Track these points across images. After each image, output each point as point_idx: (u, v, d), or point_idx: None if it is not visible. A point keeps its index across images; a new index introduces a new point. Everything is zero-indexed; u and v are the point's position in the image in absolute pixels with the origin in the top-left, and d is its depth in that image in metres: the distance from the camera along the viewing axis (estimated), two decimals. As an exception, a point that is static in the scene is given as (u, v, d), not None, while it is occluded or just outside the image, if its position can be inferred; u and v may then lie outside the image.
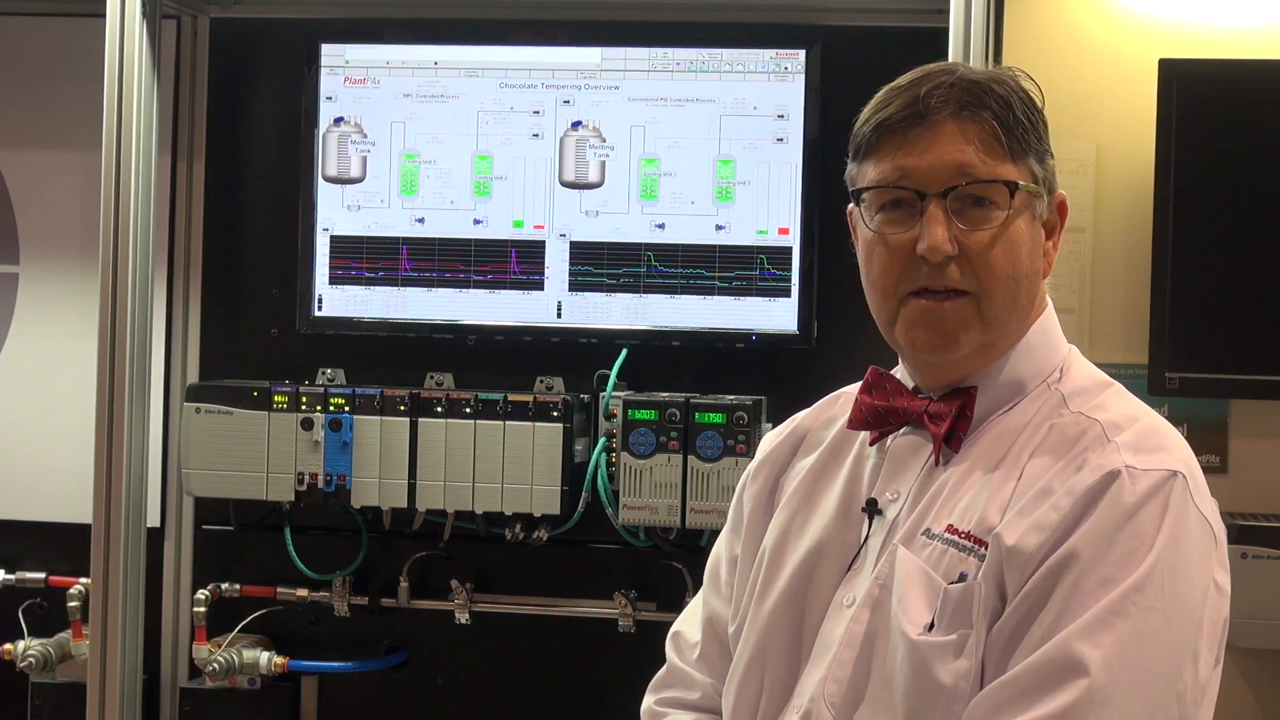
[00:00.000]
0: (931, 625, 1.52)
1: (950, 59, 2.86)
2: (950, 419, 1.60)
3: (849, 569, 1.63)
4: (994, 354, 1.62)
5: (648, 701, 1.83)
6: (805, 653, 1.64)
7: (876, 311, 1.63)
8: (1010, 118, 1.57)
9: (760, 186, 3.24)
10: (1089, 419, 1.56)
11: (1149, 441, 1.53)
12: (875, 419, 1.67)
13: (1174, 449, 1.54)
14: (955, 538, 1.55)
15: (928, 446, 1.63)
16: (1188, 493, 1.51)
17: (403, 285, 3.35)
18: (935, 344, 1.59)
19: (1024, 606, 1.48)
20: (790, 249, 3.23)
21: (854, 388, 1.72)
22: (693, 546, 3.22)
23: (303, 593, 3.41)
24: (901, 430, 1.66)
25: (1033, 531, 1.49)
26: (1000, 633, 1.49)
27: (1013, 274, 1.58)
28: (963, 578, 1.52)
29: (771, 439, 1.83)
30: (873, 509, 1.64)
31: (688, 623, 1.85)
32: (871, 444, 1.69)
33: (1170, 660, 1.46)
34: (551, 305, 3.31)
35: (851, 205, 1.65)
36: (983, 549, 1.52)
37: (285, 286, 3.42)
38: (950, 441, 1.61)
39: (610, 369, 3.26)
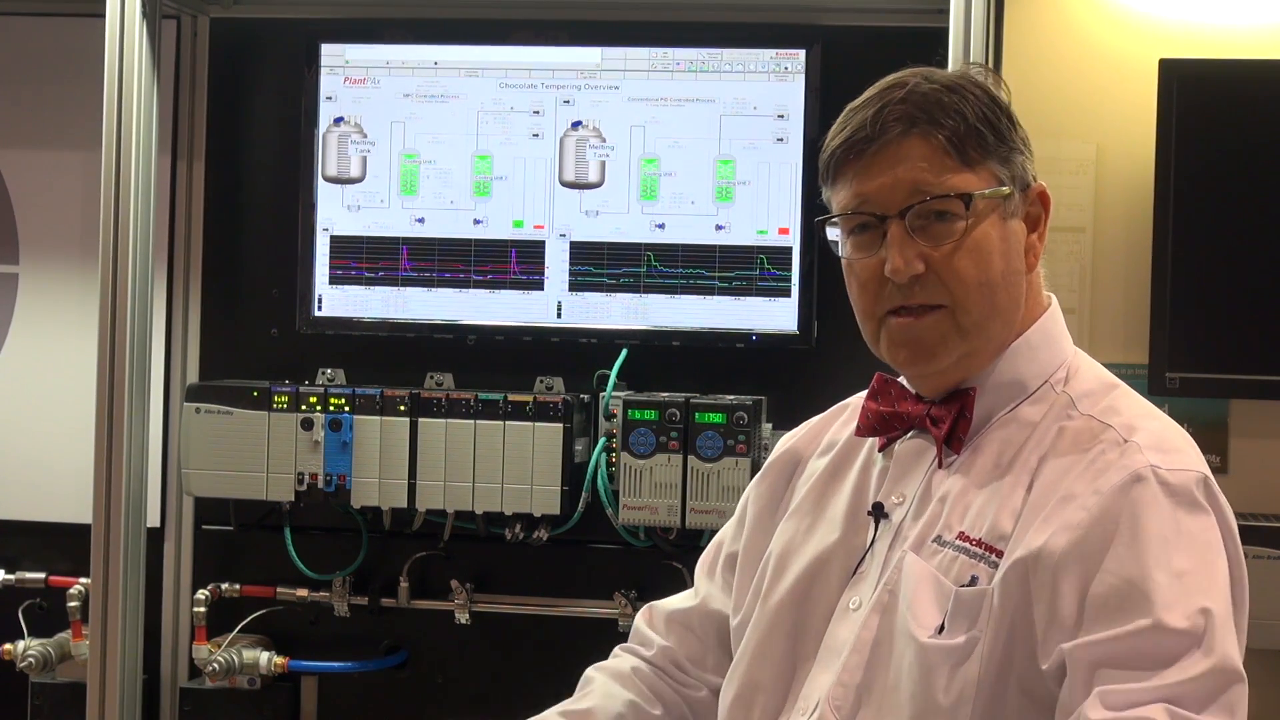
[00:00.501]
0: (942, 628, 1.52)
1: (950, 59, 2.86)
2: (950, 421, 1.61)
3: (854, 573, 1.64)
4: (983, 358, 1.62)
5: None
6: (804, 654, 1.65)
7: (863, 330, 1.66)
8: (963, 127, 1.57)
9: (760, 186, 3.24)
10: (1101, 423, 1.57)
11: (1168, 442, 1.55)
12: (881, 425, 1.68)
13: (1190, 449, 1.57)
14: (967, 544, 1.55)
15: (932, 450, 1.64)
16: (1217, 491, 1.54)
17: (403, 285, 3.35)
18: (916, 360, 1.61)
19: (1111, 626, 1.45)
20: (790, 249, 3.23)
21: (863, 396, 1.74)
22: (693, 546, 3.22)
23: (303, 593, 3.41)
24: (907, 435, 1.67)
25: (1062, 531, 1.49)
26: (1085, 651, 1.45)
27: (985, 280, 1.58)
28: (973, 581, 1.52)
29: (786, 440, 1.86)
30: (878, 513, 1.65)
31: (663, 601, 1.90)
32: (880, 450, 1.70)
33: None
34: (551, 305, 3.31)
35: (819, 220, 1.67)
36: (994, 556, 1.52)
37: (285, 286, 3.41)
38: (951, 443, 1.61)
39: (610, 369, 3.26)
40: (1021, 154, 1.63)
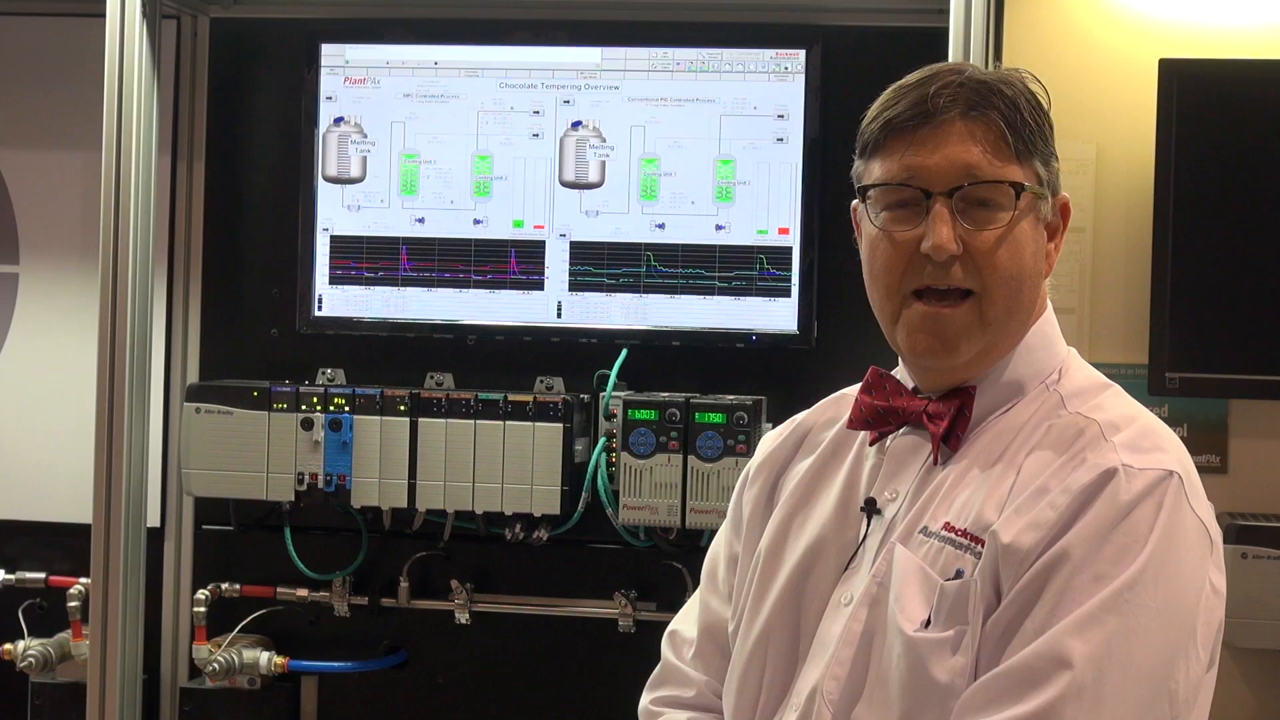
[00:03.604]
0: (928, 622, 1.53)
1: (950, 59, 2.86)
2: (949, 418, 1.61)
3: (846, 568, 1.64)
4: (994, 356, 1.62)
5: (644, 701, 1.83)
6: (803, 650, 1.65)
7: (879, 310, 1.64)
8: (1018, 119, 1.58)
9: (760, 186, 3.24)
10: (1087, 418, 1.57)
11: (1146, 441, 1.54)
12: (875, 419, 1.67)
13: (1171, 450, 1.55)
14: (952, 535, 1.55)
15: (927, 446, 1.63)
16: (1183, 493, 1.52)
17: (403, 285, 3.35)
18: (936, 350, 1.60)
19: (1018, 602, 1.49)
20: (790, 249, 3.23)
21: (855, 389, 1.72)
22: (693, 546, 3.22)
23: (303, 593, 3.41)
24: (901, 430, 1.67)
25: (1029, 529, 1.50)
26: (994, 627, 1.50)
27: (1016, 275, 1.59)
28: (959, 574, 1.53)
29: (772, 439, 1.83)
30: (871, 508, 1.64)
31: (684, 621, 1.86)
32: (871, 444, 1.69)
33: (1162, 658, 1.47)
34: (551, 305, 3.31)
35: (856, 201, 1.66)
36: (979, 546, 1.53)
37: (285, 286, 3.41)
38: (949, 440, 1.61)
39: (610, 369, 3.26)
40: (1057, 161, 1.64)
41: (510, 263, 3.31)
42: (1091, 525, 1.48)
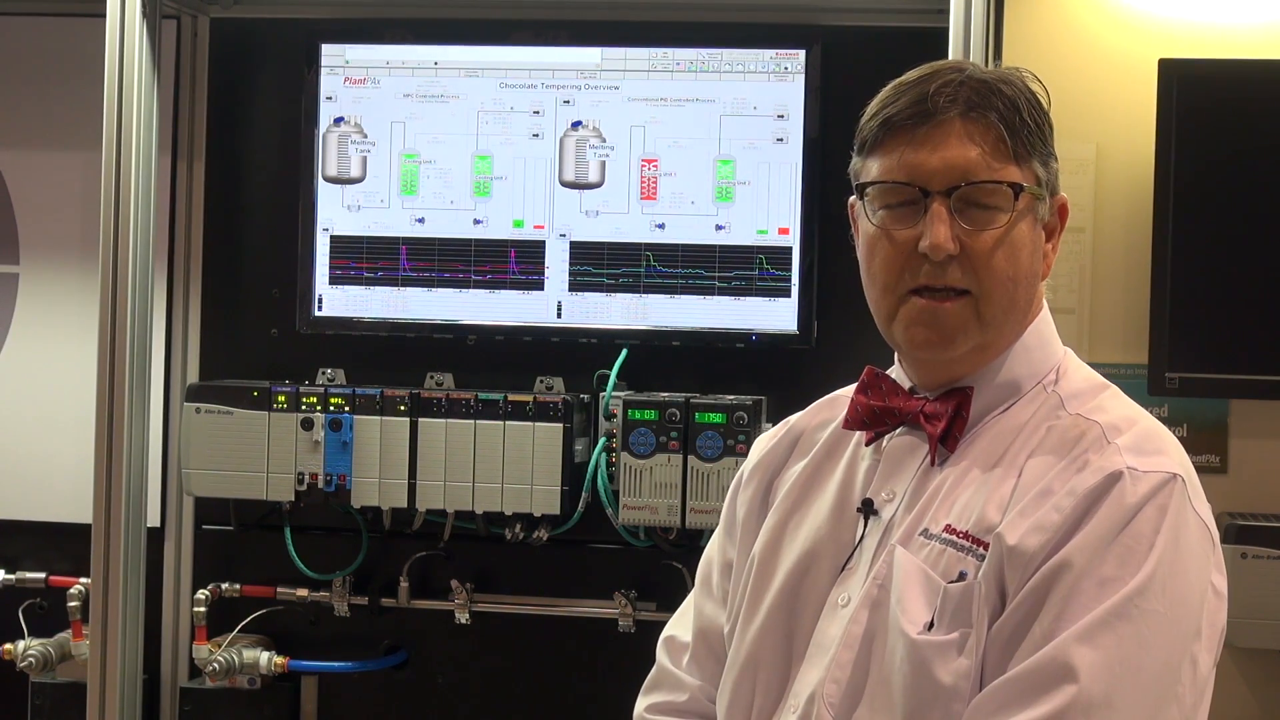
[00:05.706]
0: (931, 624, 1.52)
1: (951, 59, 2.85)
2: (946, 419, 1.61)
3: (843, 569, 1.63)
4: (990, 354, 1.62)
5: (638, 707, 1.83)
6: (798, 652, 1.64)
7: (875, 307, 1.63)
8: (1017, 120, 1.58)
9: (760, 186, 3.24)
10: (1088, 420, 1.57)
11: (1149, 444, 1.54)
12: (871, 419, 1.67)
13: (1172, 452, 1.55)
14: (953, 537, 1.55)
15: (924, 447, 1.63)
16: (1186, 496, 1.52)
17: (403, 285, 3.35)
18: (933, 342, 1.60)
19: (1024, 606, 1.48)
20: (790, 249, 3.23)
21: (849, 390, 1.72)
22: (693, 546, 3.22)
23: (303, 593, 3.41)
24: (897, 430, 1.66)
25: (1034, 532, 1.49)
26: (1000, 632, 1.49)
27: (1012, 276, 1.58)
28: (962, 576, 1.52)
29: (765, 441, 1.83)
30: (868, 509, 1.64)
31: (678, 626, 1.85)
32: (867, 444, 1.69)
33: (1170, 663, 1.47)
34: (551, 305, 3.31)
35: (853, 199, 1.66)
36: (981, 549, 1.52)
37: (285, 286, 3.42)
38: (946, 441, 1.61)
39: (610, 369, 3.26)
40: (1056, 162, 1.64)
41: (510, 263, 3.31)
42: (1097, 529, 1.48)
